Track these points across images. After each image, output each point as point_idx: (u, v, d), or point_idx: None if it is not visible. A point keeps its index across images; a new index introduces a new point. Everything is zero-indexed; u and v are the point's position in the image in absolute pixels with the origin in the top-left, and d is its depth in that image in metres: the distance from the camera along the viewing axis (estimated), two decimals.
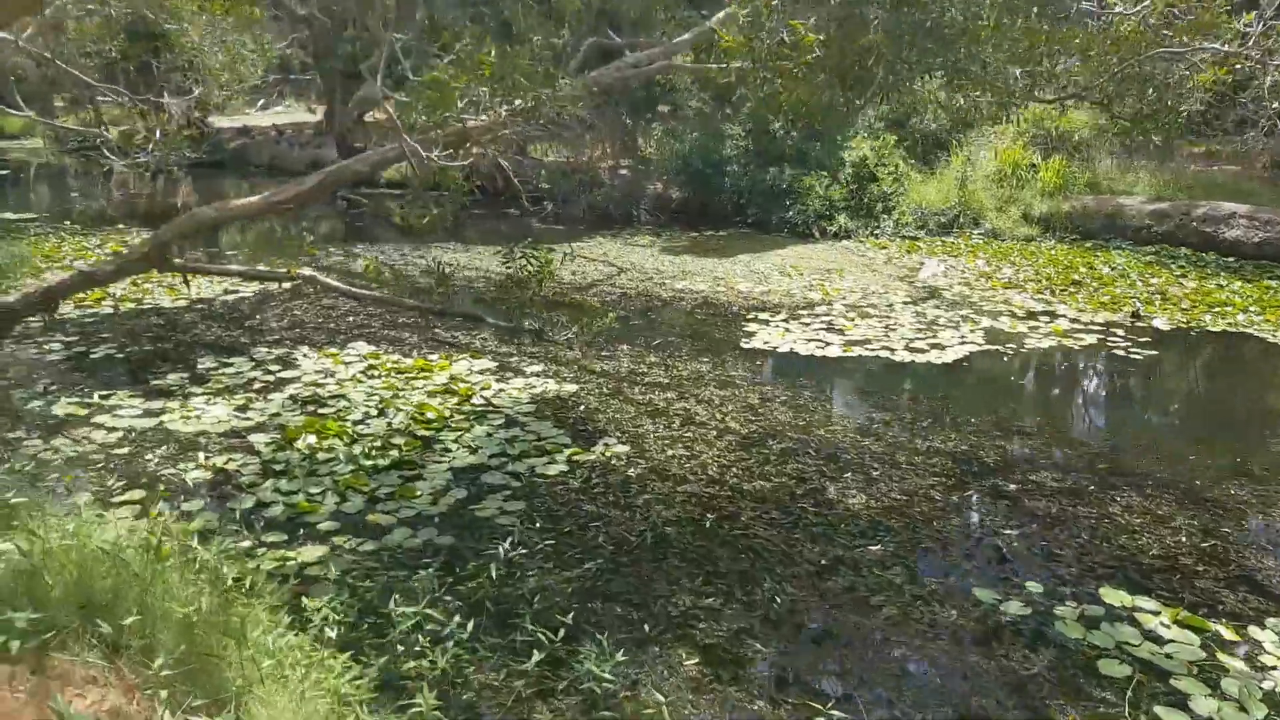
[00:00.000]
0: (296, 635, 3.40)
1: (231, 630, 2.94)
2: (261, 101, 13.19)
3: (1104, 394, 8.16)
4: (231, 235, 17.25)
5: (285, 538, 5.24)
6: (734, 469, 6.27)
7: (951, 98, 5.44)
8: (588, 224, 16.87)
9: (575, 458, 6.45)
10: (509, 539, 5.14)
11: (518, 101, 5.94)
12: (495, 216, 17.62)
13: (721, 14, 6.23)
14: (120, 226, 15.20)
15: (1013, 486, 6.06)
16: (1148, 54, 5.41)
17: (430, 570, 4.79)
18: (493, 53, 5.40)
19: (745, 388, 7.93)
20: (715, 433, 6.90)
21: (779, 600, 4.69)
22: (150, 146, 8.04)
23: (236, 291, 10.60)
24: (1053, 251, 13.98)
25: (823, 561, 5.09)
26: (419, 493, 5.87)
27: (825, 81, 4.89)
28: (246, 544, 5.04)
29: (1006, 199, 15.68)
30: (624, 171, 19.29)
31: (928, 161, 17.39)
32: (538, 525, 5.44)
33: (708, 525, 5.47)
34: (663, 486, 5.99)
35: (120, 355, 8.20)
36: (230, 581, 3.49)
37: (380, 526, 5.43)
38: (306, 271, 8.07)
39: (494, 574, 4.83)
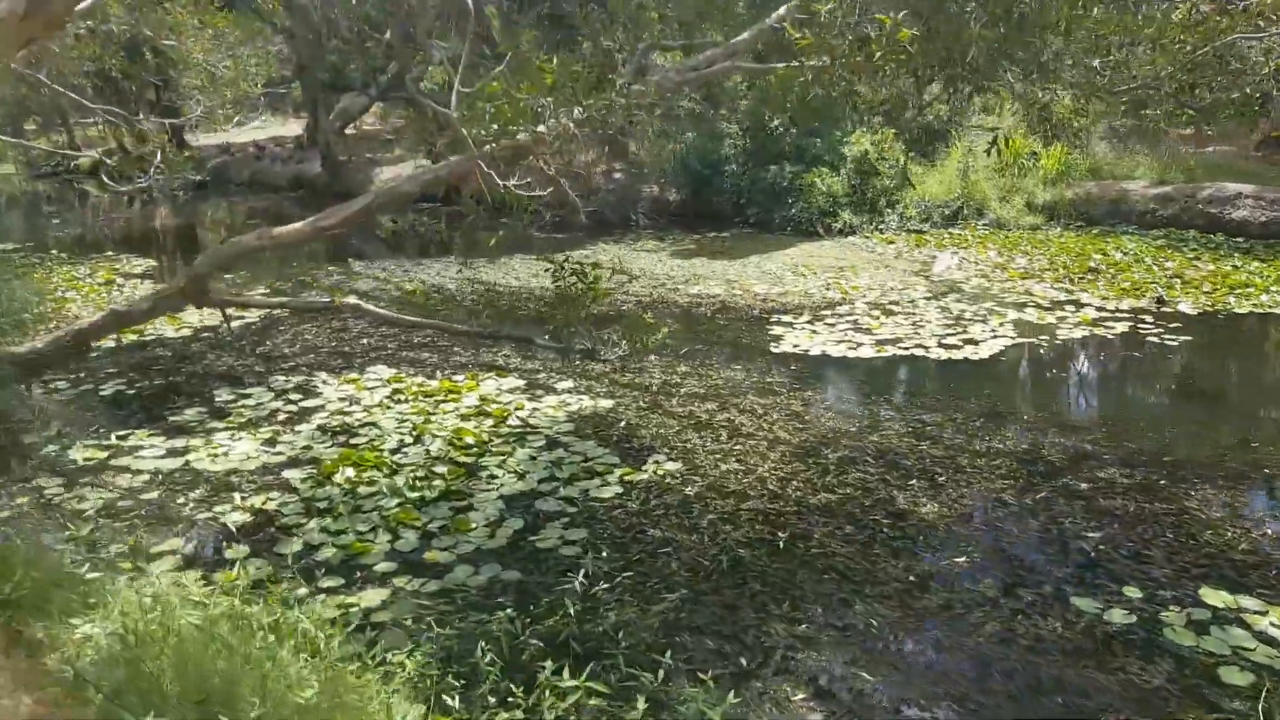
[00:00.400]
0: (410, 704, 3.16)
1: (350, 712, 2.70)
2: (238, 118, 12.87)
3: (1148, 382, 8.01)
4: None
5: (342, 582, 4.98)
6: (794, 482, 6.06)
7: (1029, 92, 5.25)
8: (586, 230, 16.61)
9: (627, 478, 6.22)
10: (581, 572, 4.90)
11: (576, 111, 5.70)
12: (488, 227, 17.34)
13: (782, 9, 6.01)
14: (109, 253, 14.82)
15: (1084, 485, 5.89)
16: (1223, 39, 5.26)
17: (506, 612, 4.54)
18: (555, 60, 5.16)
19: (786, 394, 7.73)
20: (766, 444, 6.69)
21: (875, 623, 4.49)
22: (152, 170, 7.74)
23: (241, 317, 10.29)
24: (1062, 239, 13.87)
25: (910, 578, 4.89)
26: (473, 525, 5.63)
27: (916, 76, 4.69)
28: (303, 591, 4.78)
29: (1009, 188, 15.56)
30: (618, 175, 19.06)
31: (925, 154, 17.26)
32: (604, 554, 5.21)
33: (782, 545, 5.26)
34: (725, 505, 5.78)
35: (131, 391, 7.89)
36: (332, 647, 3.24)
37: (440, 564, 5.19)
38: (351, 300, 7.78)
39: (572, 610, 4.59)
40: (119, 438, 6.85)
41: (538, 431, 7.10)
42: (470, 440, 6.91)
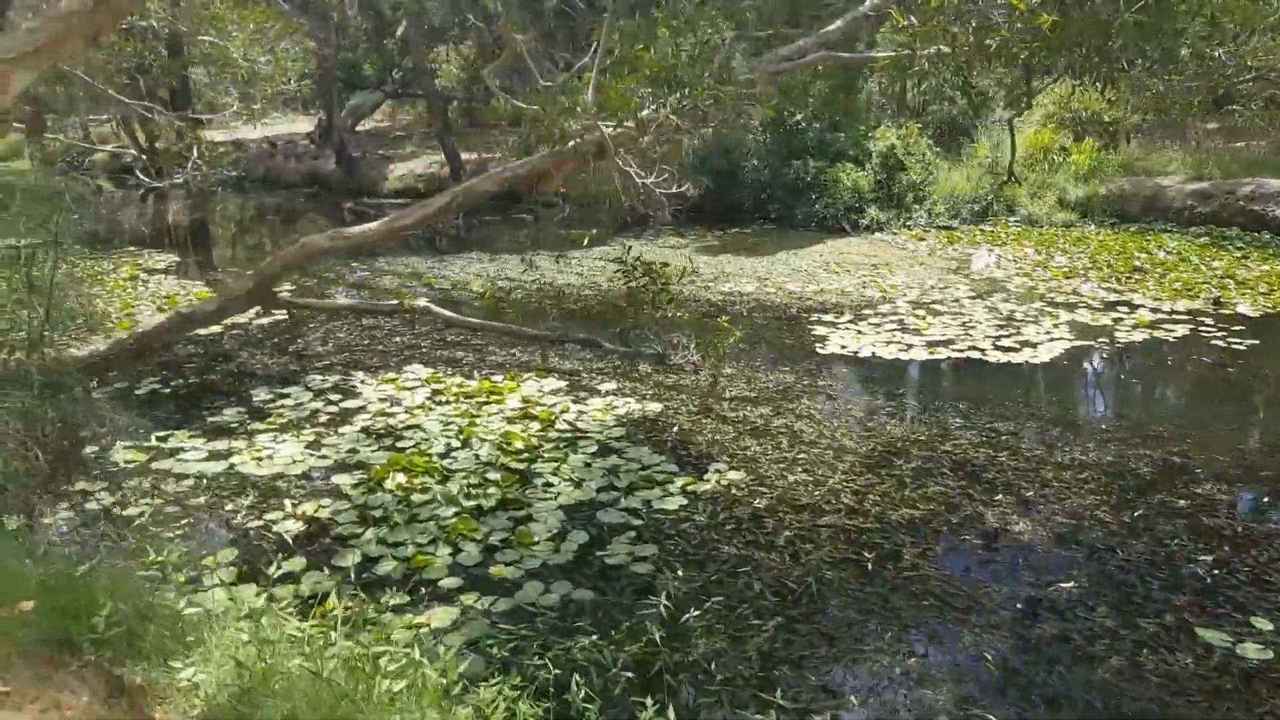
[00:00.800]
0: None
1: None
2: (267, 114, 12.49)
3: (1224, 389, 7.66)
4: (221, 250, 16.53)
5: (407, 599, 4.63)
6: (870, 495, 5.71)
7: (1153, 84, 4.90)
8: (603, 226, 16.24)
9: (690, 488, 5.87)
10: (664, 594, 4.55)
11: (672, 99, 5.32)
12: (508, 223, 17.00)
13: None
14: (130, 248, 14.41)
15: (1182, 503, 5.55)
16: None
17: (591, 638, 4.19)
18: (654, 50, 4.79)
19: (842, 399, 7.39)
20: (831, 453, 6.34)
21: (990, 656, 4.14)
22: (189, 166, 7.37)
23: (271, 314, 9.92)
24: (1099, 237, 13.54)
25: (1017, 605, 4.55)
26: (536, 538, 5.27)
27: (1029, 67, 4.32)
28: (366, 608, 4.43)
29: (1040, 184, 15.22)
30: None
31: (950, 149, 16.92)
32: (679, 573, 4.85)
33: (870, 567, 4.91)
34: (800, 520, 5.43)
35: (167, 390, 7.50)
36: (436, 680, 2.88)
37: (507, 581, 4.84)
38: (421, 303, 7.37)
39: (657, 636, 4.24)
40: (159, 439, 6.49)
41: (588, 436, 6.75)
42: (520, 445, 6.55)
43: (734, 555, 5.05)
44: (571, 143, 5.54)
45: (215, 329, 9.29)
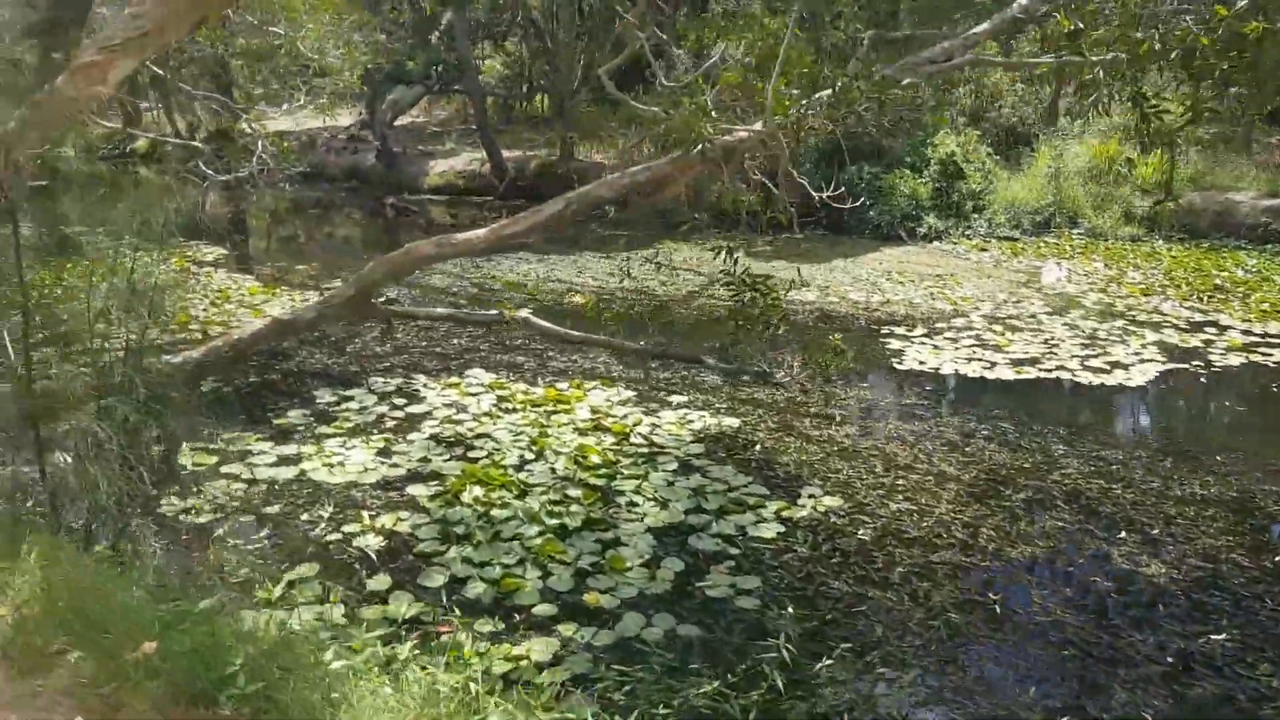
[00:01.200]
0: None
1: None
2: (286, 106, 12.19)
3: None
4: (261, 243, 16.27)
5: (501, 626, 4.30)
6: (984, 530, 5.33)
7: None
8: (646, 228, 15.86)
9: (784, 514, 5.51)
10: (783, 636, 4.19)
11: (820, 98, 4.95)
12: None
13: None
14: (179, 240, 14.13)
15: None
16: None
17: (711, 685, 3.83)
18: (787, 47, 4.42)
19: (930, 419, 7.00)
20: (932, 479, 5.96)
21: (1150, 717, 3.76)
22: (254, 159, 7.07)
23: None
24: (1171, 253, 13.08)
25: (1168, 659, 4.16)
26: (628, 563, 4.93)
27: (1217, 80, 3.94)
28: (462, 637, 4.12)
29: (1104, 196, 14.75)
30: None
31: (1008, 157, 16.48)
32: (789, 610, 4.49)
33: (998, 610, 4.53)
34: (911, 555, 5.05)
35: (228, 389, 7.20)
36: None
37: (605, 611, 4.49)
38: (523, 314, 7.02)
39: (779, 682, 3.88)
40: (225, 441, 6.18)
41: (665, 451, 6.40)
42: (597, 459, 6.21)
43: (846, 592, 4.69)
44: (698, 147, 5.17)
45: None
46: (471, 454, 6.30)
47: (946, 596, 4.64)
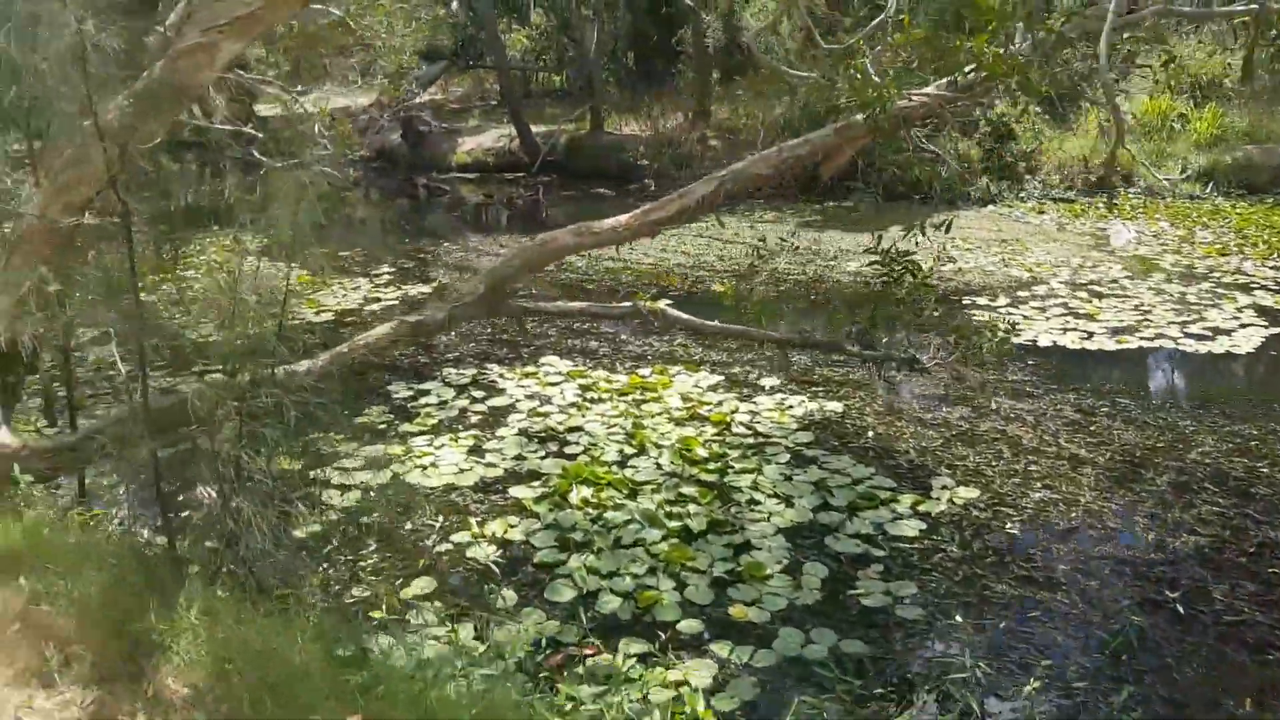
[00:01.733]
0: None
1: None
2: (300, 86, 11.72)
3: None
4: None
5: (649, 646, 3.97)
6: (1136, 519, 4.98)
7: None
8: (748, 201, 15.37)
9: (921, 509, 5.17)
10: (966, 652, 3.84)
11: (1019, 45, 4.51)
12: (587, 197, 16.19)
13: None
14: (214, 227, 13.74)
15: None
16: None
17: (905, 715, 3.50)
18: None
19: (1045, 396, 6.65)
20: (1065, 464, 5.61)
21: None
22: (311, 144, 6.68)
23: (378, 299, 9.27)
24: (1236, 210, 12.63)
25: None
26: (767, 570, 4.59)
27: None
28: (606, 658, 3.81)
29: (1158, 153, 14.28)
30: (714, 142, 17.81)
31: (1056, 117, 15.97)
32: (956, 619, 4.14)
33: (1181, 610, 4.20)
34: (1069, 551, 4.71)
35: None
36: None
37: (756, 627, 4.16)
38: (663, 305, 6.59)
39: (975, 707, 3.55)
40: (306, 442, 5.83)
41: (773, 441, 6.06)
42: (703, 453, 5.87)
43: (1013, 596, 4.35)
44: (865, 114, 4.77)
45: (327, 316, 8.66)
46: (568, 450, 5.97)
47: (1120, 595, 4.31)
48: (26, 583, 3.03)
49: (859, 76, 4.56)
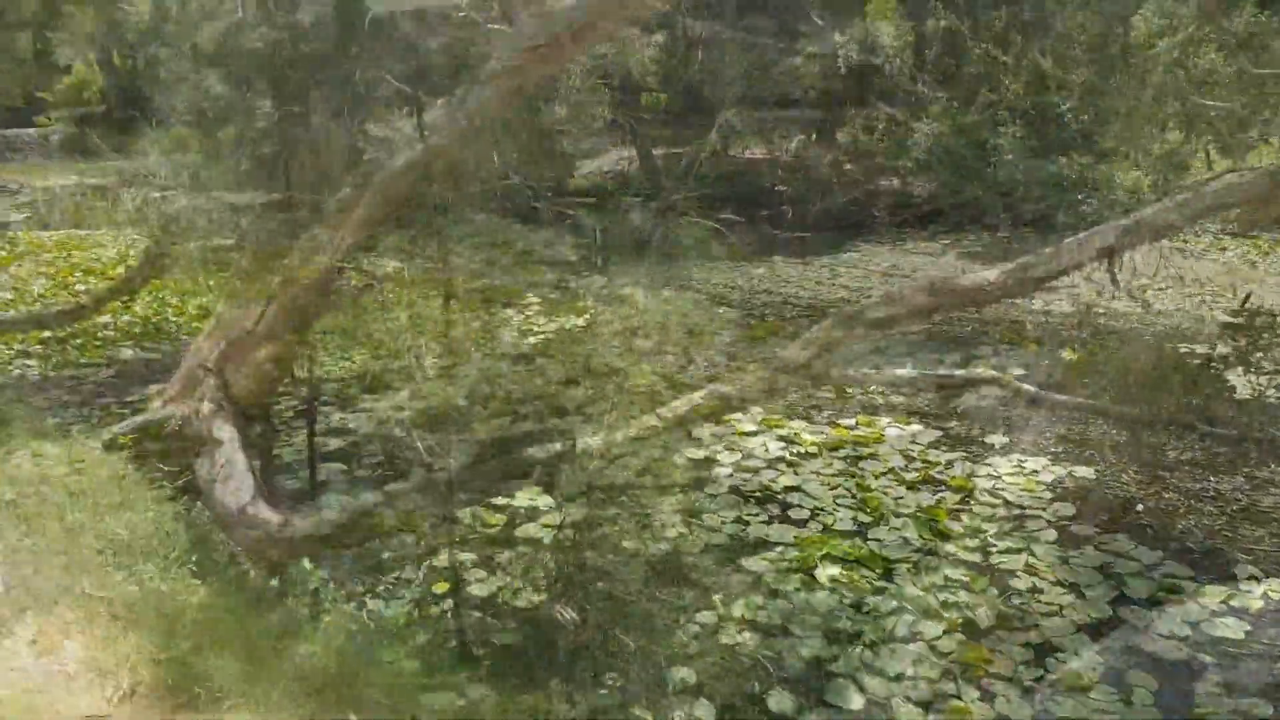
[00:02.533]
0: None
1: None
2: None
3: None
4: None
5: None
6: None
7: None
8: (822, 230, 14.72)
9: (1234, 603, 4.41)
10: None
11: None
12: (723, 224, 15.58)
13: None
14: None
15: None
16: None
17: None
18: None
19: None
20: None
21: None
22: None
23: None
24: None
25: None
26: (1083, 679, 3.88)
27: None
28: None
29: None
30: (848, 166, 17.12)
31: (1224, 147, 14.90)
32: None
33: None
34: None
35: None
36: None
37: None
38: (1013, 375, 5.76)
39: None
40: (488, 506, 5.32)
41: (1030, 514, 5.34)
42: (955, 526, 5.18)
43: None
44: None
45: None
46: (791, 514, 5.36)
47: None
48: None
49: None
